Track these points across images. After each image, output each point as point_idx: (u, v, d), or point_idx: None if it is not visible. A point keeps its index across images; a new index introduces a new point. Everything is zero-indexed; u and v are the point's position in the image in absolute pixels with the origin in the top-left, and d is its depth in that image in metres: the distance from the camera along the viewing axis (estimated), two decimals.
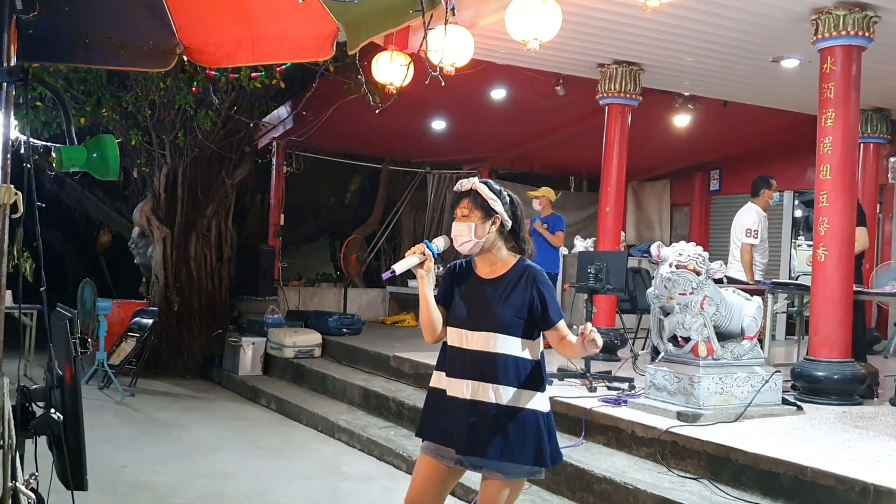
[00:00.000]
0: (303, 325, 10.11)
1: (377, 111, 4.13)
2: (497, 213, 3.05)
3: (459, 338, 3.07)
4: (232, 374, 9.61)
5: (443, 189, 14.64)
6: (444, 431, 3.08)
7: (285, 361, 9.39)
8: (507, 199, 3.11)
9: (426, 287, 3.08)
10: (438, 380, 3.16)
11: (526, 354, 3.02)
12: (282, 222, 12.50)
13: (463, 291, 3.13)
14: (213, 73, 8.57)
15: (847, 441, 4.82)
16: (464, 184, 3.12)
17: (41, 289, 2.27)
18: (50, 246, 14.70)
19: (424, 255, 3.06)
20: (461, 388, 3.04)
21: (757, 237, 7.55)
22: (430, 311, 3.12)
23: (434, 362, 7.69)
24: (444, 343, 3.17)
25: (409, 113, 9.69)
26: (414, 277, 3.13)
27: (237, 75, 8.53)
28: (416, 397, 7.06)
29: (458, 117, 11.33)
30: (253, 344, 9.65)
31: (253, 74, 8.51)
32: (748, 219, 7.62)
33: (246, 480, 5.69)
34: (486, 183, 3.09)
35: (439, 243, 3.10)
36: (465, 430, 2.99)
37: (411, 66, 6.16)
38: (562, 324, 3.05)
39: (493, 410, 2.97)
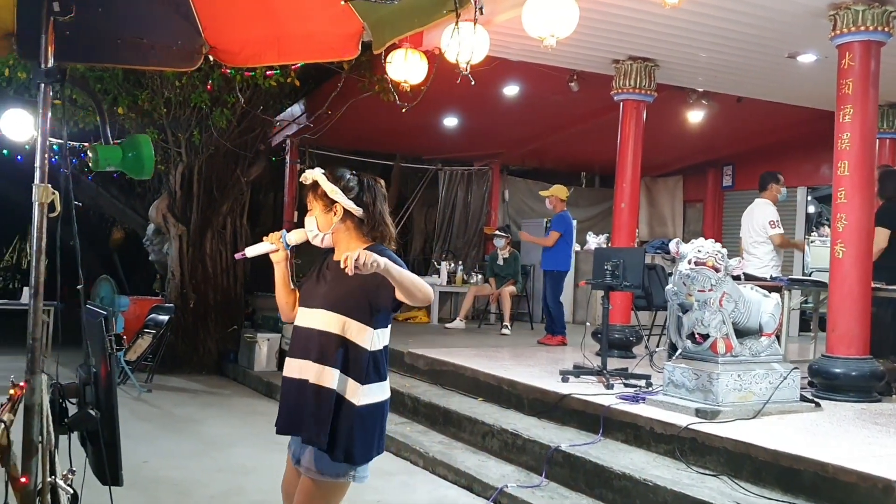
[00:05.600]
0: None
1: (403, 110, 4.13)
2: (336, 202, 2.95)
3: (300, 315, 3.03)
4: (247, 370, 9.66)
5: (454, 185, 14.67)
6: (279, 415, 3.03)
7: None
8: (354, 185, 2.98)
9: (278, 274, 3.13)
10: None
11: (355, 338, 2.89)
12: (296, 219, 12.55)
13: (315, 274, 3.11)
14: (228, 71, 8.60)
15: (867, 438, 4.82)
16: (305, 177, 3.03)
17: (78, 286, 2.30)
18: (64, 242, 14.78)
19: (276, 244, 3.08)
20: (291, 368, 2.98)
21: (781, 226, 7.55)
22: (281, 293, 3.15)
23: (446, 358, 7.65)
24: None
25: (421, 110, 9.64)
26: (426, 273, 3.15)
27: (252, 73, 8.56)
28: (431, 393, 7.09)
29: (469, 114, 11.35)
30: (268, 340, 9.70)
31: (268, 73, 8.54)
32: (767, 212, 7.60)
33: (264, 475, 5.73)
34: (328, 173, 3.00)
35: (292, 237, 3.10)
36: (287, 408, 2.97)
37: (432, 63, 6.19)
38: (414, 278, 2.84)
39: (307, 389, 2.89)
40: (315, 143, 12.06)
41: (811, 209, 13.06)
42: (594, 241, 13.07)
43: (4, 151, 11.56)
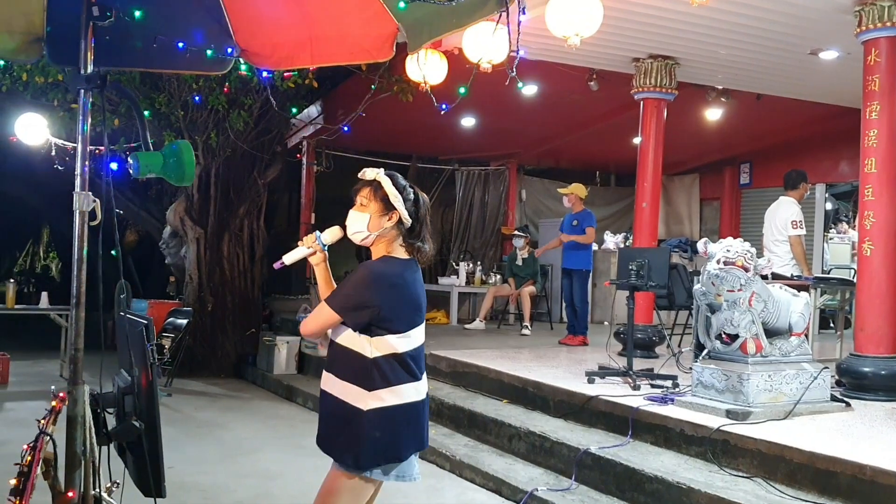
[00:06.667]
0: None
1: (443, 112, 4.09)
2: (396, 209, 2.94)
3: None
4: (266, 373, 9.64)
5: (471, 186, 14.64)
6: None
7: (320, 360, 9.39)
8: (412, 197, 3.01)
9: (319, 276, 3.12)
10: None
11: (353, 346, 2.90)
12: (313, 221, 12.52)
13: None
14: (245, 73, 8.55)
15: None
16: (367, 173, 2.99)
17: (121, 296, 2.26)
18: (91, 250, 14.80)
19: (313, 246, 3.07)
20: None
21: (804, 227, 7.44)
22: (326, 295, 3.08)
23: (469, 360, 7.57)
24: None
25: (438, 110, 9.64)
26: (444, 274, 3.13)
27: (270, 74, 8.51)
28: (454, 395, 7.04)
29: (486, 114, 11.30)
30: (287, 343, 9.67)
31: (286, 74, 8.49)
32: (791, 210, 7.50)
33: (291, 480, 5.70)
34: (391, 176, 2.99)
35: (327, 237, 3.06)
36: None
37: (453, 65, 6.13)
38: (321, 308, 2.93)
39: (323, 398, 2.98)
40: (331, 144, 12.03)
41: (829, 206, 12.96)
42: (612, 240, 13.02)
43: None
